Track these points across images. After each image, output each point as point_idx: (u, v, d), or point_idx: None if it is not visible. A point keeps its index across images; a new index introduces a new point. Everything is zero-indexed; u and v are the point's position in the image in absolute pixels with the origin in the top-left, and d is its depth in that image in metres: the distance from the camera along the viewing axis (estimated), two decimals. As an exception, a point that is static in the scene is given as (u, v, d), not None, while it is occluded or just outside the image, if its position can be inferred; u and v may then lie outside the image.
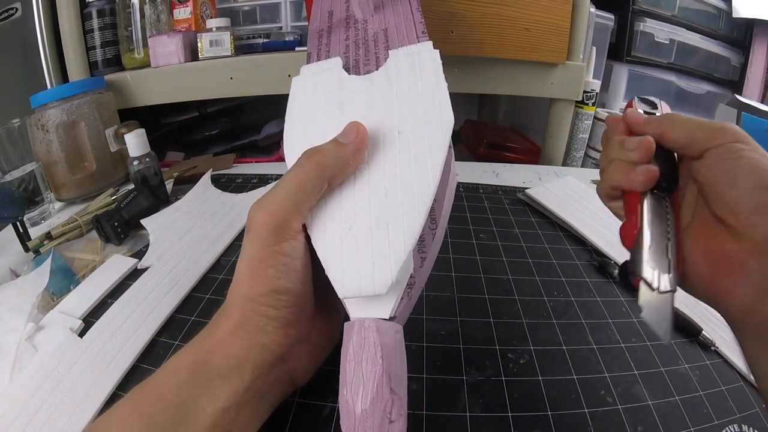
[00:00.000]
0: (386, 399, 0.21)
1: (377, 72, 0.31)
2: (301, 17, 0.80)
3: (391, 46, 0.33)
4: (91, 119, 0.61)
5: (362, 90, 0.30)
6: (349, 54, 0.34)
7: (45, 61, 0.70)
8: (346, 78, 0.31)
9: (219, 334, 0.24)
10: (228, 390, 0.22)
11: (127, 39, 0.73)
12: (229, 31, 0.70)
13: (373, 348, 0.22)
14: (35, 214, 0.56)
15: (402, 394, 0.22)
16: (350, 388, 0.21)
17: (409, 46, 0.32)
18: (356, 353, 0.22)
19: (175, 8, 0.74)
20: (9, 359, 0.33)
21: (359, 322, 0.23)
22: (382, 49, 0.33)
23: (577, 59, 0.70)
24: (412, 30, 0.34)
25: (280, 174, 0.64)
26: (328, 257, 0.24)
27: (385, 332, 0.22)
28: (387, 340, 0.22)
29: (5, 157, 0.55)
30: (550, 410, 0.28)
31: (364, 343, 0.22)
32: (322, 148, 0.25)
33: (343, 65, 0.32)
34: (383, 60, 0.32)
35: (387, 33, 0.34)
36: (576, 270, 0.44)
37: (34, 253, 0.48)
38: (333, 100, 0.30)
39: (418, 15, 0.35)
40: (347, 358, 0.22)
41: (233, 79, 0.70)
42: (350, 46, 0.35)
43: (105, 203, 0.56)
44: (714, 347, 0.35)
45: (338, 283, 0.23)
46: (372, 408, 0.20)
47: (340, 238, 0.24)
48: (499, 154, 0.82)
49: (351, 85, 0.30)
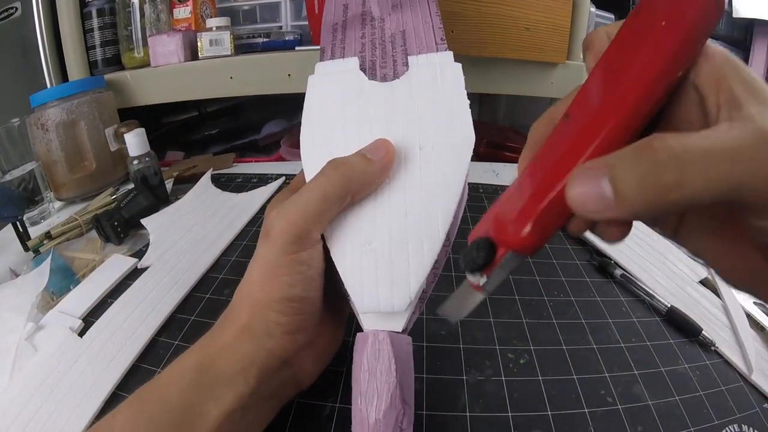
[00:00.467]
0: (399, 409, 0.21)
1: (399, 81, 0.30)
2: (301, 16, 0.80)
3: (409, 50, 0.32)
4: (90, 118, 0.61)
5: (383, 99, 0.29)
6: (365, 54, 0.33)
7: (45, 61, 0.70)
8: (367, 84, 0.30)
9: (225, 338, 0.24)
10: (233, 394, 0.22)
11: (127, 38, 0.73)
12: (228, 31, 0.70)
13: (387, 360, 0.22)
14: (35, 214, 0.56)
15: (411, 403, 0.23)
16: (365, 398, 0.22)
17: (429, 54, 0.31)
18: (371, 364, 0.22)
19: (175, 7, 0.74)
20: (9, 359, 0.33)
21: (373, 335, 0.23)
22: (399, 53, 0.32)
23: (577, 59, 0.70)
24: (430, 35, 0.33)
25: (281, 174, 0.64)
26: (347, 271, 0.24)
27: (398, 345, 0.23)
28: (400, 352, 0.23)
29: (5, 157, 0.55)
30: (550, 410, 0.28)
31: (378, 354, 0.23)
32: (349, 160, 0.25)
33: (359, 66, 0.32)
34: (400, 64, 0.31)
35: (405, 36, 0.34)
36: (576, 270, 0.44)
37: (33, 252, 0.48)
38: (353, 107, 0.29)
39: (437, 20, 0.34)
40: (362, 369, 0.22)
41: (233, 78, 0.70)
42: (366, 46, 0.34)
43: (105, 203, 0.56)
44: (714, 347, 0.35)
45: (358, 298, 0.24)
46: (386, 418, 0.21)
47: (360, 253, 0.24)
48: (499, 153, 0.81)
49: (372, 92, 0.30)
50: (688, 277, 0.44)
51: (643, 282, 0.42)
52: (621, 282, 0.42)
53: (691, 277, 0.44)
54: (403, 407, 0.22)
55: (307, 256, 0.24)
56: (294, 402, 0.29)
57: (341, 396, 0.29)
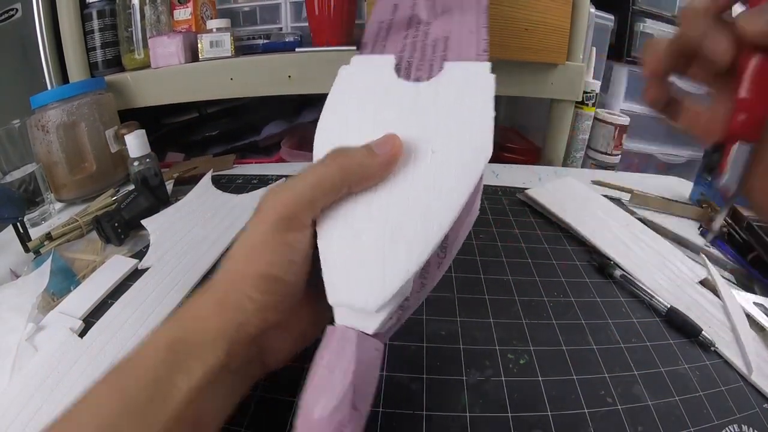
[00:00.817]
0: (345, 413, 0.20)
1: (426, 82, 0.30)
2: (302, 18, 0.80)
3: (449, 57, 0.32)
4: (91, 120, 0.61)
5: (406, 96, 0.29)
6: (404, 54, 0.33)
7: (45, 62, 0.70)
8: (394, 81, 0.30)
9: (198, 310, 0.24)
10: (202, 368, 0.22)
11: (128, 40, 0.73)
12: (229, 32, 0.70)
13: (347, 360, 0.21)
14: (35, 215, 0.57)
15: (364, 412, 0.22)
16: (314, 393, 0.21)
17: (466, 62, 0.30)
18: (329, 361, 0.22)
19: (176, 9, 0.74)
20: (9, 359, 0.33)
21: (341, 331, 0.23)
22: (438, 58, 0.32)
23: (577, 60, 0.70)
24: (473, 45, 0.32)
25: (281, 175, 0.65)
26: (328, 259, 0.24)
27: (363, 347, 0.22)
28: (363, 355, 0.22)
29: (5, 158, 0.55)
30: (550, 410, 0.28)
31: (340, 352, 0.22)
32: (351, 152, 0.25)
33: (395, 64, 0.31)
34: (437, 69, 0.31)
35: (447, 42, 0.33)
36: (576, 270, 0.44)
37: (34, 253, 0.48)
38: (373, 100, 0.29)
39: (484, 32, 0.34)
40: (320, 363, 0.22)
41: (233, 80, 0.70)
42: (407, 47, 0.34)
43: (105, 204, 0.56)
44: (714, 347, 0.35)
45: (331, 288, 0.23)
46: (330, 418, 0.20)
47: (346, 244, 0.24)
48: (499, 154, 0.82)
49: (397, 89, 0.29)
50: (688, 278, 0.44)
51: (643, 282, 0.42)
52: (621, 282, 0.42)
53: (691, 277, 0.44)
54: (352, 413, 0.21)
55: (293, 238, 0.24)
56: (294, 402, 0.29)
57: (341, 396, 0.29)
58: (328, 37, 0.70)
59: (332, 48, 0.69)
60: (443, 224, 0.23)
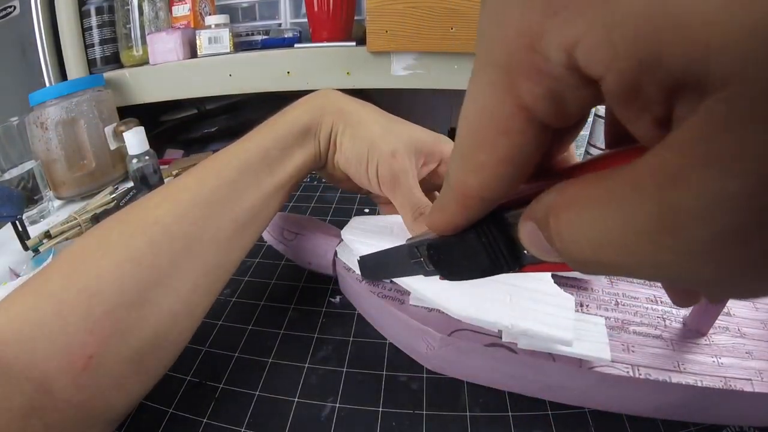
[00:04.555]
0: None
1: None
2: (301, 14, 0.79)
3: (590, 308, 0.31)
4: (90, 117, 0.61)
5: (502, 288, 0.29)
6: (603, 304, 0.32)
7: (43, 59, 0.70)
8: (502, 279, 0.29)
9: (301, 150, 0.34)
10: (304, 154, 0.34)
11: (126, 36, 0.72)
12: (228, 28, 0.69)
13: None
14: (34, 213, 0.56)
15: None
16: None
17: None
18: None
19: (174, 5, 0.74)
20: (8, 359, 0.33)
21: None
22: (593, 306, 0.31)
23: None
24: None
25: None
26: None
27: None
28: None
29: (4, 156, 0.55)
30: (550, 410, 0.28)
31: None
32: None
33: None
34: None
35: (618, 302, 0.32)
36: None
37: (33, 251, 0.47)
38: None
39: None
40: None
41: (232, 76, 0.70)
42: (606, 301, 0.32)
43: (104, 201, 0.56)
44: (715, 346, 0.35)
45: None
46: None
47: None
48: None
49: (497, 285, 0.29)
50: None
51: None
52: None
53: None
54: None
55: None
56: (294, 402, 0.29)
57: (341, 396, 0.29)
58: (328, 33, 0.69)
59: (331, 44, 0.69)
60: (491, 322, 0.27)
